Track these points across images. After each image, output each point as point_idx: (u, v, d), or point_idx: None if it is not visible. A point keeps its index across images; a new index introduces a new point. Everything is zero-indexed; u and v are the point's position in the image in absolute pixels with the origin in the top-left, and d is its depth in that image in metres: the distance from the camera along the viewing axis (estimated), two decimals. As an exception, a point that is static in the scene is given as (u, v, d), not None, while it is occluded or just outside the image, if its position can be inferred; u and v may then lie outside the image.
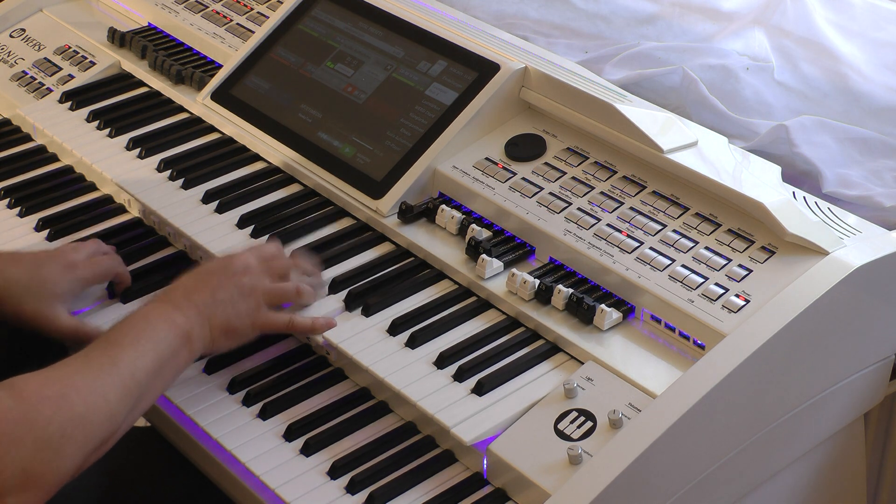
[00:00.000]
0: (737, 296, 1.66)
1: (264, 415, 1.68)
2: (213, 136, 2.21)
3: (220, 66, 2.31)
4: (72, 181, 2.17)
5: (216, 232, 1.96)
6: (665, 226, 1.78)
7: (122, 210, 2.10)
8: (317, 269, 1.84)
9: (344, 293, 1.81)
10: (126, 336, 1.56)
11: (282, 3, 2.34)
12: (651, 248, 1.75)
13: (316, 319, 1.75)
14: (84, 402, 1.45)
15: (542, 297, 1.75)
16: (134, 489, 1.80)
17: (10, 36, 2.53)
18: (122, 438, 1.85)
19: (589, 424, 1.57)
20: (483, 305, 1.80)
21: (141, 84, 2.36)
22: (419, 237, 1.90)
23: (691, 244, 1.74)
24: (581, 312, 1.71)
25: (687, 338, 1.67)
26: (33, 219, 2.07)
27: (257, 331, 1.71)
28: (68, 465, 1.43)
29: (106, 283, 1.89)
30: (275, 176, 2.09)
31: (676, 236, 1.76)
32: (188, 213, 2.00)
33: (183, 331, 1.60)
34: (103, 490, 1.78)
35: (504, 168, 1.93)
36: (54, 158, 2.24)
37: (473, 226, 1.86)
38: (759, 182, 1.81)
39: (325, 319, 1.75)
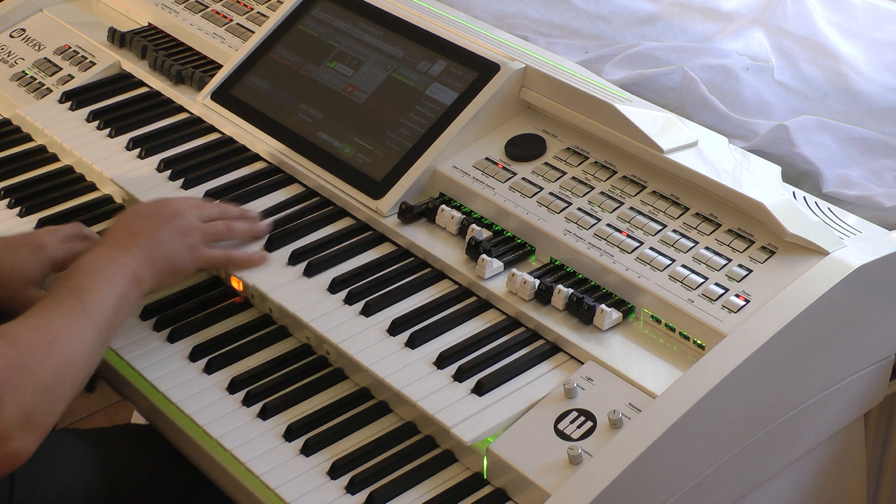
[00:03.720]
0: (737, 296, 1.66)
1: (264, 415, 1.68)
2: (213, 136, 2.21)
3: (220, 66, 2.31)
4: (72, 181, 2.17)
5: (216, 232, 1.96)
6: (665, 226, 1.78)
7: (121, 210, 2.10)
8: (244, 211, 1.94)
9: (344, 293, 1.81)
10: (86, 280, 1.64)
11: (282, 3, 2.34)
12: (651, 248, 1.75)
13: (251, 252, 1.87)
14: (69, 346, 1.54)
15: (542, 297, 1.75)
16: (134, 489, 1.81)
17: (10, 36, 2.53)
18: (123, 438, 1.87)
19: (589, 424, 1.57)
20: (483, 305, 1.80)
21: (141, 84, 2.36)
22: (419, 237, 1.90)
23: (691, 244, 1.74)
24: (581, 312, 1.71)
25: (687, 338, 1.67)
26: (33, 219, 2.07)
27: (198, 267, 1.82)
28: (61, 407, 1.52)
29: None
30: (275, 176, 2.09)
31: (676, 236, 1.76)
32: (188, 213, 2.00)
33: (134, 272, 1.68)
34: (103, 490, 1.78)
35: (504, 168, 1.93)
36: (54, 158, 2.24)
37: (473, 226, 1.86)
38: (759, 182, 1.81)
39: (259, 253, 1.87)
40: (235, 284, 1.88)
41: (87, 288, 1.62)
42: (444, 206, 1.90)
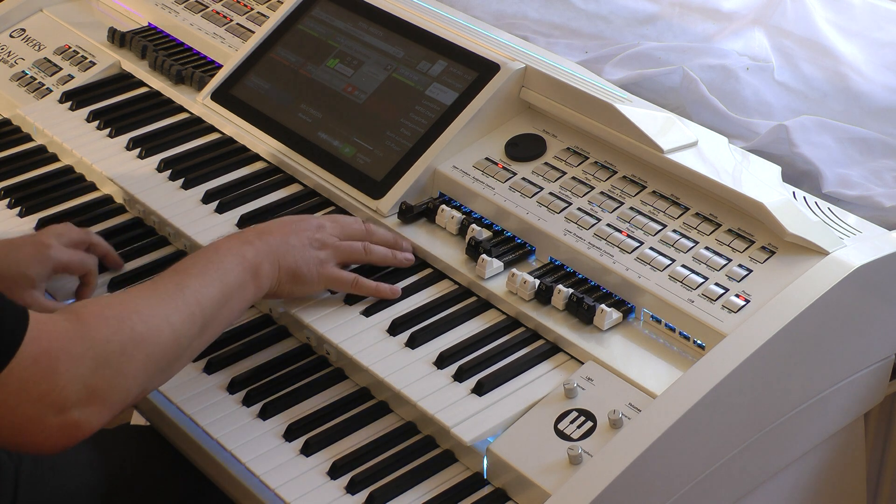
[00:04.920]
0: (737, 296, 1.66)
1: (264, 415, 1.68)
2: (213, 136, 2.21)
3: (220, 66, 2.31)
4: (72, 181, 2.17)
5: (216, 232, 1.95)
6: (665, 226, 1.78)
7: (122, 210, 2.10)
8: (398, 239, 1.87)
9: (344, 293, 1.81)
10: (194, 266, 1.61)
11: (282, 3, 2.34)
12: (651, 248, 1.75)
13: (381, 284, 1.79)
14: (145, 323, 1.49)
15: (542, 297, 1.75)
16: (134, 489, 1.81)
17: (10, 36, 2.53)
18: (123, 438, 1.86)
19: (589, 424, 1.57)
20: (483, 305, 1.80)
21: (141, 84, 2.36)
22: (419, 237, 1.90)
23: (691, 244, 1.74)
24: (581, 312, 1.71)
25: (687, 338, 1.67)
26: (33, 219, 2.07)
27: (323, 283, 1.76)
28: (130, 385, 1.48)
29: (76, 277, 1.88)
30: (275, 176, 2.09)
31: (676, 236, 1.76)
32: (188, 213, 2.00)
33: (251, 264, 1.65)
34: (103, 490, 1.78)
35: (504, 168, 1.93)
36: (54, 158, 2.24)
37: (473, 226, 1.86)
38: (759, 182, 1.81)
39: (390, 287, 1.79)
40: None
41: (192, 273, 1.60)
42: (444, 206, 1.90)
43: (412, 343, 1.72)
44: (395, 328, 1.75)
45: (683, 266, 1.72)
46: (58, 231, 1.86)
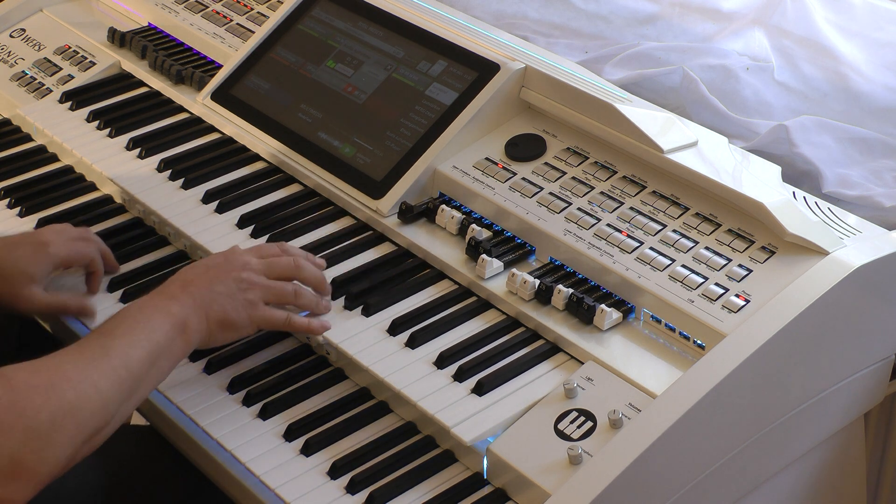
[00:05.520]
0: (737, 296, 1.66)
1: (264, 415, 1.68)
2: (213, 136, 2.21)
3: (220, 66, 2.31)
4: (72, 181, 2.17)
5: (216, 232, 1.96)
6: (665, 226, 1.78)
7: (122, 210, 2.10)
8: (320, 270, 1.81)
9: (344, 293, 1.81)
10: (119, 326, 1.55)
11: (282, 3, 2.34)
12: (651, 248, 1.75)
13: (312, 320, 1.75)
14: (75, 391, 1.43)
15: (542, 297, 1.75)
16: (134, 489, 1.80)
17: (10, 36, 2.53)
18: (123, 438, 1.85)
19: (589, 424, 1.57)
20: (483, 305, 1.80)
21: (141, 84, 2.36)
22: (419, 237, 1.90)
23: (691, 244, 1.74)
24: (581, 312, 1.71)
25: (687, 338, 1.67)
26: (33, 219, 2.07)
27: (255, 326, 1.71)
28: (59, 456, 1.42)
29: (82, 271, 1.88)
30: (275, 176, 2.09)
31: (676, 236, 1.76)
32: (188, 213, 2.00)
33: (178, 320, 1.59)
34: (103, 490, 1.78)
35: (504, 168, 1.93)
36: (54, 158, 2.24)
37: (473, 226, 1.86)
38: (759, 182, 1.81)
39: (321, 322, 1.75)
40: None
41: (117, 334, 1.53)
42: (444, 206, 1.90)
43: (412, 343, 1.72)
44: (395, 328, 1.75)
45: (683, 266, 1.72)
46: (56, 229, 1.87)
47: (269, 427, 1.66)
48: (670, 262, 1.73)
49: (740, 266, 1.70)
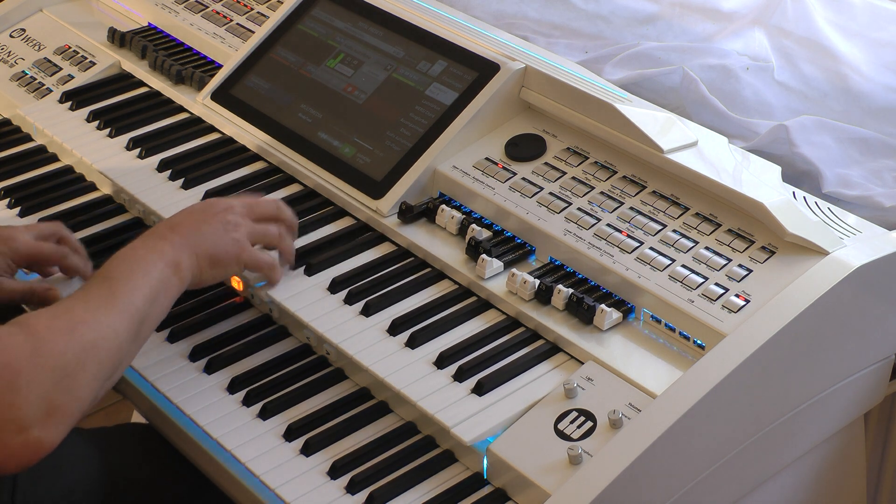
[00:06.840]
0: (737, 296, 1.66)
1: (264, 415, 1.68)
2: (213, 136, 2.21)
3: (220, 66, 2.31)
4: (72, 181, 2.17)
5: (216, 232, 1.96)
6: (665, 226, 1.78)
7: (121, 210, 2.10)
8: (294, 221, 1.88)
9: (344, 293, 1.81)
10: (118, 270, 1.61)
11: (282, 3, 2.34)
12: (651, 248, 1.75)
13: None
14: (93, 331, 1.50)
15: (542, 297, 1.75)
16: (134, 489, 1.81)
17: (10, 36, 2.53)
18: (123, 437, 1.86)
19: (589, 424, 1.57)
20: (483, 305, 1.80)
21: (141, 84, 2.36)
22: (419, 237, 1.90)
23: (691, 244, 1.74)
24: (581, 312, 1.71)
25: (687, 338, 1.67)
26: (33, 219, 2.07)
27: (242, 265, 1.76)
28: (86, 395, 1.48)
29: (53, 270, 1.89)
30: (275, 176, 2.09)
31: (676, 236, 1.76)
32: (188, 213, 2.00)
33: (172, 259, 1.65)
34: (102, 489, 1.78)
35: (504, 168, 1.93)
36: (54, 158, 2.24)
37: (473, 226, 1.86)
38: (759, 182, 1.81)
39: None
40: (235, 285, 1.88)
41: (117, 277, 1.59)
42: (444, 206, 1.90)
43: (412, 343, 1.72)
44: (395, 328, 1.75)
45: (683, 266, 1.72)
46: (28, 225, 1.88)
47: (268, 427, 1.66)
48: (670, 262, 1.73)
49: (740, 266, 1.70)
